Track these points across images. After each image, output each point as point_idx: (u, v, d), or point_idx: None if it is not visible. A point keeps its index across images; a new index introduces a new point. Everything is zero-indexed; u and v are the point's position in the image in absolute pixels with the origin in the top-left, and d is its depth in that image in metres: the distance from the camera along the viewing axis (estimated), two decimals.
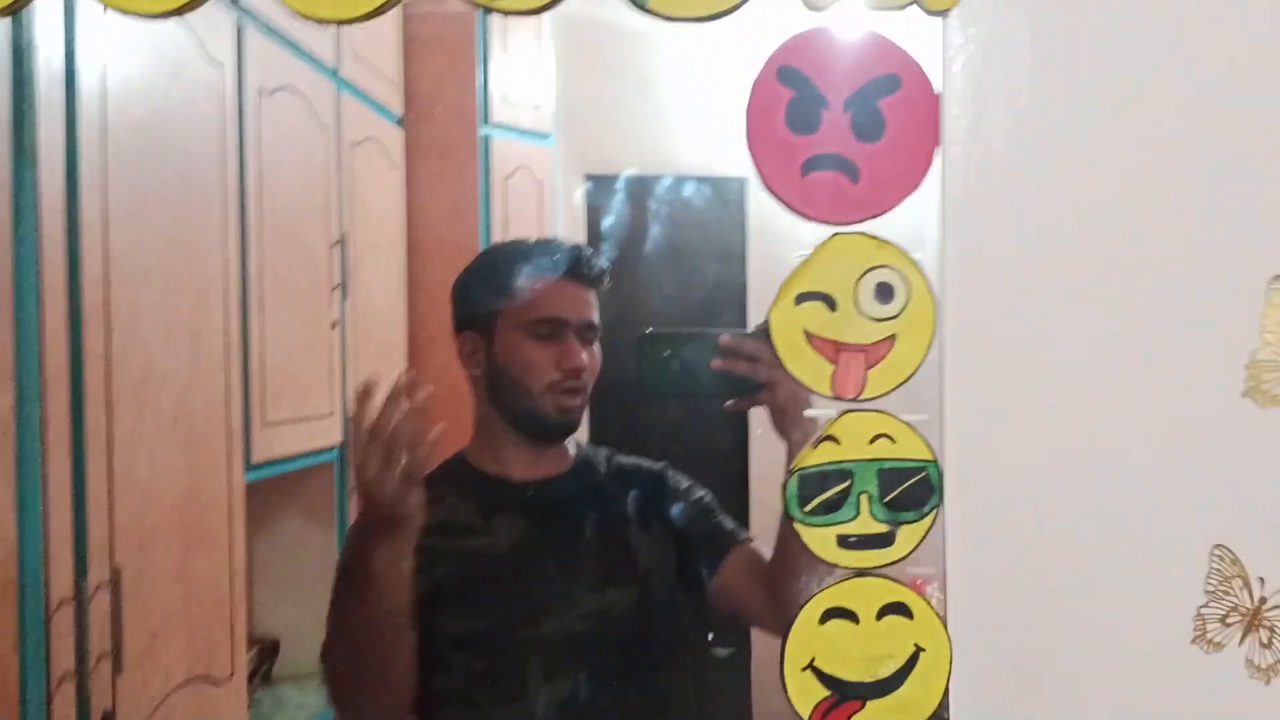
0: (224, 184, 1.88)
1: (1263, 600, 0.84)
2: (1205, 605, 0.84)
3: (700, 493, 1.48)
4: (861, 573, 0.81)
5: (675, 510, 1.44)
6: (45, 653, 1.35)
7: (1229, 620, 0.84)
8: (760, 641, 3.81)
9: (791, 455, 1.21)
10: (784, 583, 1.30)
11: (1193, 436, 0.84)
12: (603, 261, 1.42)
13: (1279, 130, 0.85)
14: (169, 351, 1.68)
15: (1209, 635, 0.84)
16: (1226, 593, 0.84)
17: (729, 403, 1.19)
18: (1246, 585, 0.84)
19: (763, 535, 1.42)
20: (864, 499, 0.81)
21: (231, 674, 1.89)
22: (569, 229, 3.45)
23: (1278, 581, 0.84)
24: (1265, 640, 0.84)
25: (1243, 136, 0.85)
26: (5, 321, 1.29)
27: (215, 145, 1.85)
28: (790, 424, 1.19)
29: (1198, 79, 0.84)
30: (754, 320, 3.45)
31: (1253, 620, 0.84)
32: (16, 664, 1.30)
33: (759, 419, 1.21)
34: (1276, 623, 0.84)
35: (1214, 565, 0.84)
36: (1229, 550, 0.84)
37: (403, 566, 1.18)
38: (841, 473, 0.81)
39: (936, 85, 0.82)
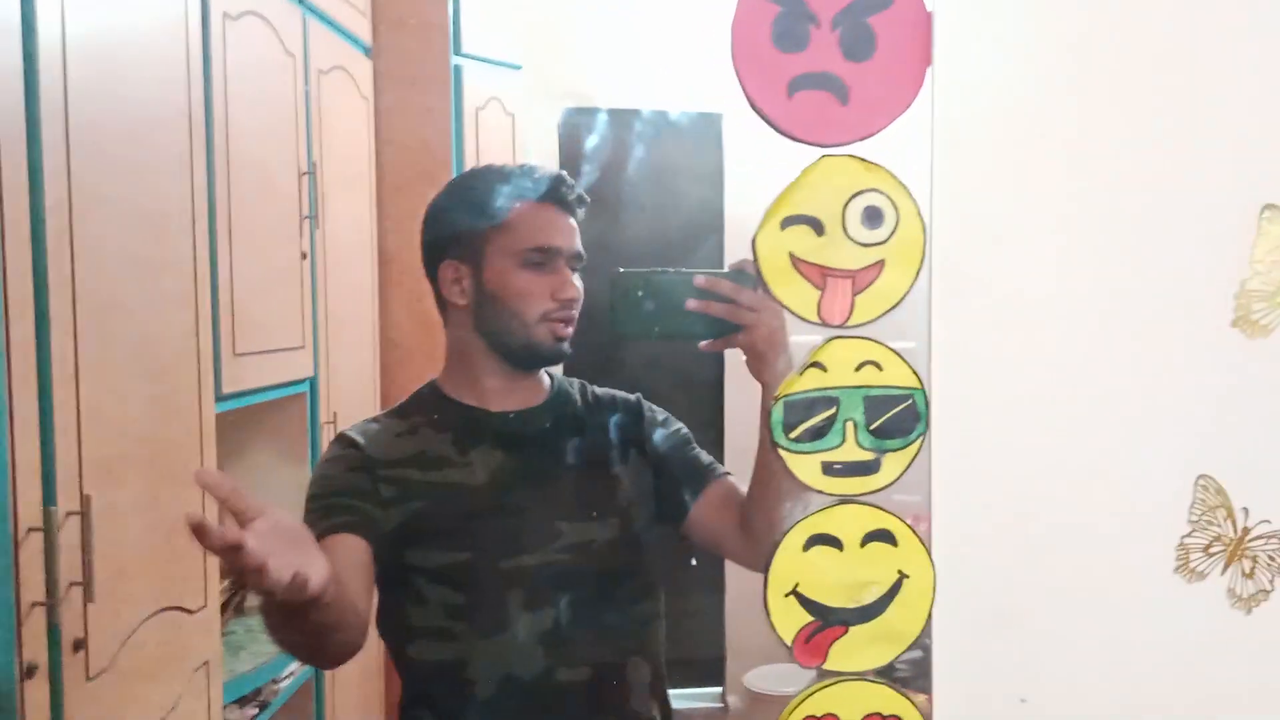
0: (188, 111, 1.83)
1: (1246, 530, 0.84)
2: (1189, 535, 0.84)
3: (676, 425, 1.48)
4: (846, 500, 0.80)
5: (657, 439, 1.43)
6: (14, 580, 1.33)
7: (1212, 550, 0.84)
8: (734, 575, 3.85)
9: (767, 398, 1.20)
10: (762, 515, 1.29)
11: (1180, 366, 0.83)
12: (582, 191, 1.40)
13: (1270, 62, 0.83)
14: (134, 281, 1.65)
15: (1191, 565, 0.84)
16: (1210, 523, 0.83)
17: (704, 343, 1.17)
18: (1230, 515, 0.84)
19: (738, 476, 1.41)
20: (849, 426, 0.80)
21: (204, 604, 1.88)
22: (543, 160, 3.42)
23: (1261, 512, 0.84)
24: (1247, 570, 0.84)
25: (1235, 67, 0.83)
26: None
27: (179, 71, 1.81)
28: (767, 366, 1.18)
29: (1197, 7, 0.82)
30: (730, 258, 3.43)
31: (1235, 550, 0.84)
32: None
33: (736, 359, 1.20)
34: (1259, 553, 0.84)
35: (1198, 495, 0.83)
36: (1214, 480, 0.83)
37: (322, 605, 1.08)
38: (827, 399, 0.80)
39: (929, 2, 0.80)
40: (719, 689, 3.99)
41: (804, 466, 0.80)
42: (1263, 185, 0.83)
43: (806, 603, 0.80)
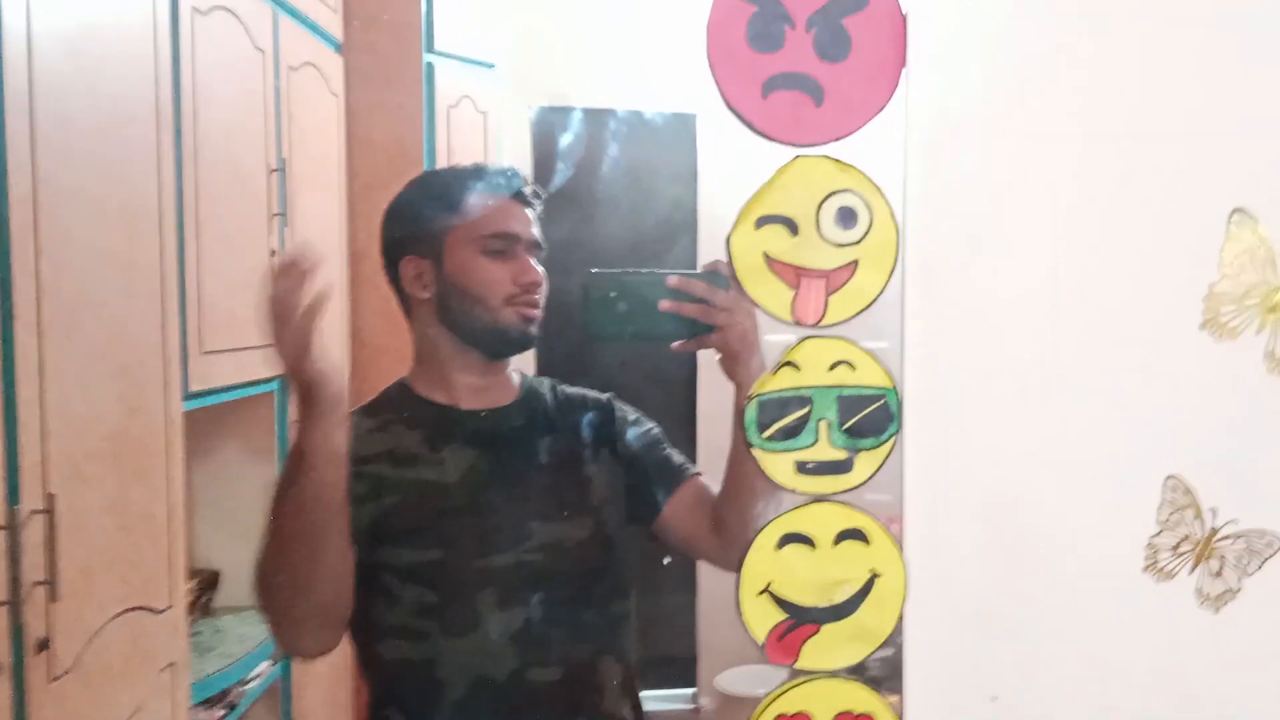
0: (156, 106, 1.82)
1: (1214, 530, 0.85)
2: (1157, 534, 0.84)
3: (648, 424, 1.48)
4: (819, 499, 0.80)
5: (628, 438, 1.44)
6: None
7: (1180, 549, 0.84)
8: (706, 575, 3.86)
9: (740, 397, 1.20)
10: (735, 515, 1.30)
11: (1150, 367, 0.84)
12: (538, 187, 1.43)
13: (1244, 66, 0.84)
14: (101, 277, 1.63)
15: (1160, 564, 0.84)
16: (1179, 523, 0.84)
17: (677, 344, 1.16)
18: (1198, 515, 0.84)
19: (711, 476, 1.42)
20: (823, 425, 0.80)
21: (171, 604, 1.86)
22: (515, 159, 3.41)
23: (1229, 512, 0.85)
24: (1215, 570, 0.85)
25: (1209, 71, 0.84)
26: None
27: (148, 65, 1.79)
28: (740, 365, 1.18)
29: (1170, 8, 0.83)
30: (703, 256, 3.44)
31: (1203, 550, 0.85)
32: None
33: (708, 360, 1.20)
34: (1227, 552, 0.85)
35: (1167, 495, 0.84)
36: (1182, 481, 0.84)
37: (332, 444, 1.18)
38: (801, 399, 0.80)
39: (904, 4, 0.80)
40: (691, 690, 3.99)
41: (777, 465, 0.80)
42: (1231, 189, 0.84)
43: (779, 601, 0.80)
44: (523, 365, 1.47)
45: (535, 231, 1.39)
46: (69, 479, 1.51)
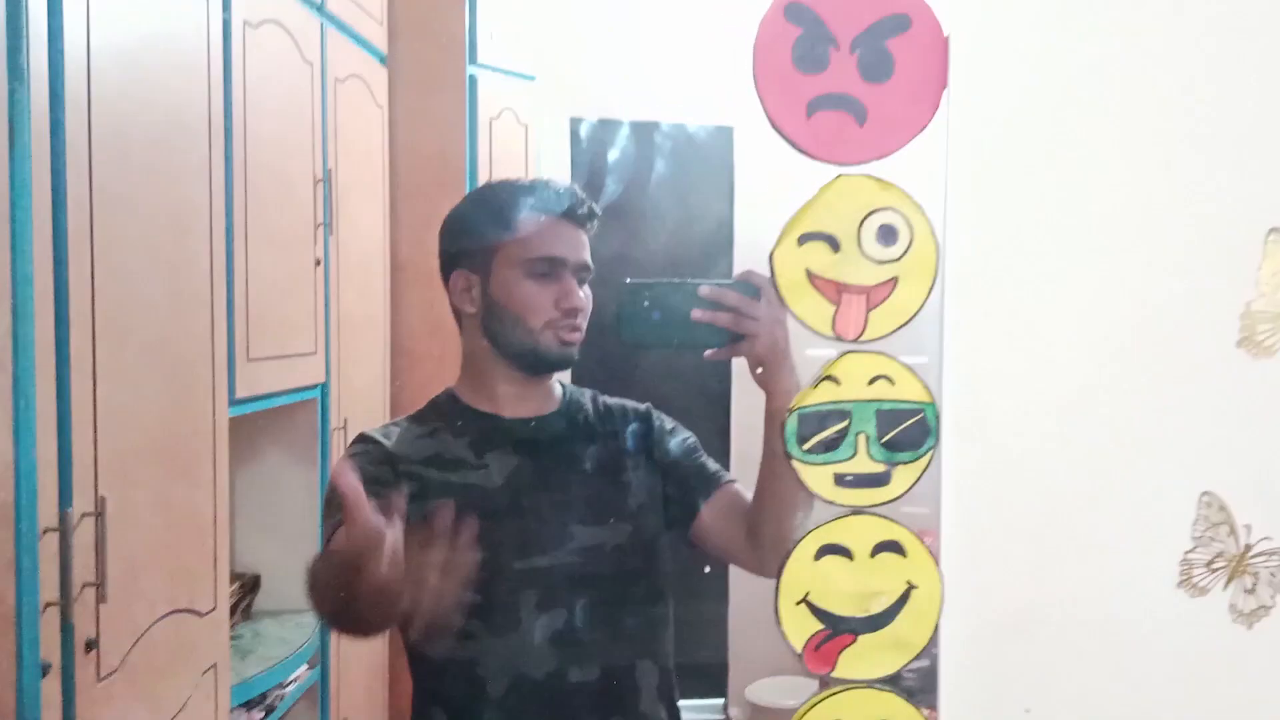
0: (208, 117, 1.86)
1: (1248, 547, 0.85)
2: (1192, 550, 0.85)
3: (685, 434, 1.50)
4: (857, 511, 0.82)
5: (666, 447, 1.46)
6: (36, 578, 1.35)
7: (1214, 566, 0.85)
8: (738, 585, 3.86)
9: (772, 405, 1.23)
10: (769, 523, 1.31)
11: (1186, 384, 0.85)
12: (594, 206, 1.43)
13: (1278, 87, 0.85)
14: (151, 282, 1.67)
15: (1194, 580, 0.85)
16: (1213, 539, 0.85)
17: (709, 352, 1.19)
18: (1233, 532, 0.85)
19: (745, 484, 1.43)
20: (861, 439, 0.82)
21: (214, 607, 1.89)
22: (555, 171, 3.43)
23: (1263, 529, 0.86)
24: (1249, 586, 0.86)
25: (1248, 89, 0.85)
26: (2, 241, 1.28)
27: (200, 77, 1.83)
28: (770, 375, 1.20)
29: (1208, 28, 0.84)
30: (739, 268, 3.43)
31: (1237, 566, 0.85)
32: (13, 586, 1.30)
33: (743, 371, 1.22)
34: (1260, 569, 0.86)
35: (1202, 511, 0.85)
36: (1217, 497, 0.85)
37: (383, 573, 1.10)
38: (840, 412, 0.81)
39: (946, 27, 0.82)
40: (721, 700, 3.99)
41: (816, 477, 0.82)
42: (1269, 208, 0.85)
43: (817, 611, 0.82)
44: (561, 374, 1.49)
45: (584, 255, 1.40)
46: (118, 481, 1.54)
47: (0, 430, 1.28)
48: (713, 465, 1.48)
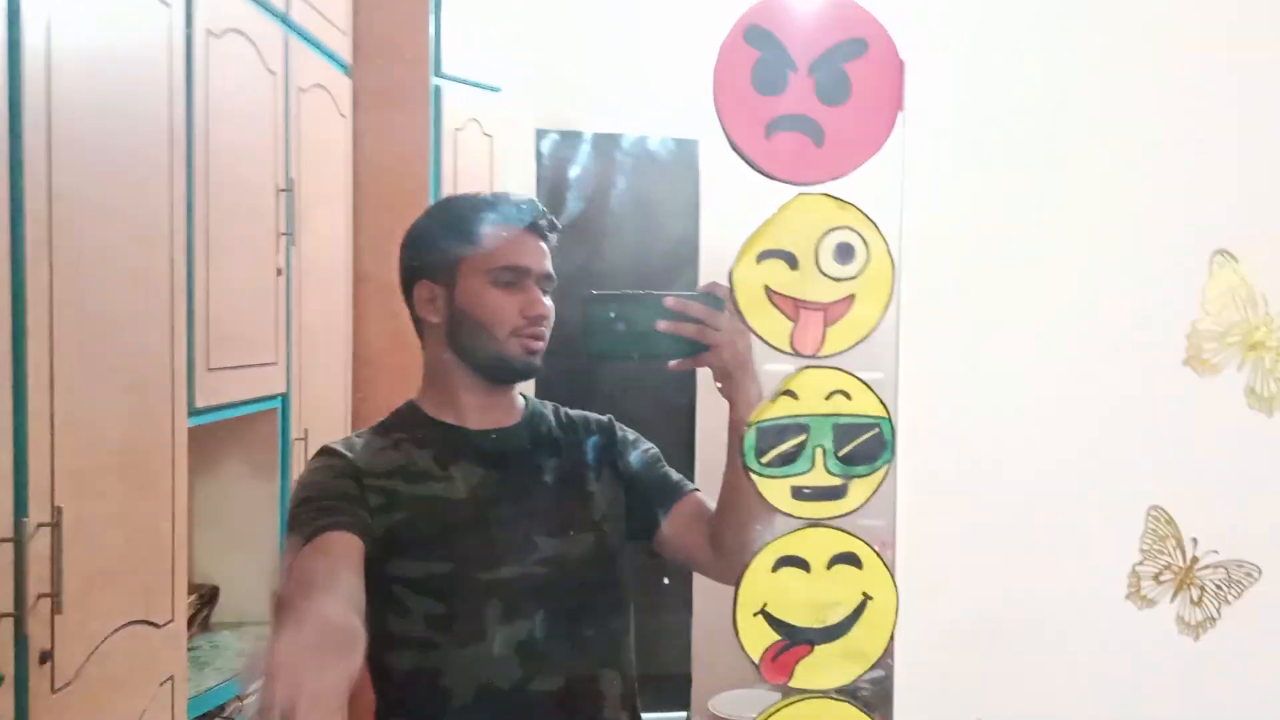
0: (169, 126, 1.85)
1: (1194, 560, 0.88)
2: (1140, 563, 0.87)
3: (647, 445, 1.52)
4: (814, 523, 0.83)
5: (628, 458, 1.47)
6: None
7: (1162, 578, 0.87)
8: (701, 597, 3.87)
9: (735, 415, 1.25)
10: (731, 533, 1.33)
11: (1135, 401, 0.87)
12: (555, 219, 1.45)
13: (1228, 108, 0.88)
14: (112, 292, 1.66)
15: (1142, 592, 0.87)
16: (1160, 552, 0.87)
17: (673, 363, 1.20)
18: (1180, 545, 0.87)
19: (708, 493, 1.45)
20: (819, 452, 0.83)
21: (172, 618, 1.88)
22: (520, 182, 3.43)
23: (1209, 542, 0.88)
24: (1195, 598, 0.88)
25: (1193, 113, 0.87)
26: None
27: (162, 85, 1.82)
28: (734, 385, 1.22)
29: (1160, 51, 0.86)
30: (704, 281, 3.44)
31: (1184, 579, 0.87)
32: None
33: (707, 383, 1.23)
34: (1207, 581, 0.88)
35: (1149, 525, 0.87)
36: (1164, 511, 0.87)
37: None
38: (798, 426, 0.83)
39: (902, 51, 0.84)
40: (684, 713, 4.00)
41: (774, 490, 0.83)
42: (1214, 231, 0.88)
43: (774, 622, 0.83)
44: (524, 386, 1.50)
45: (547, 265, 1.42)
46: (76, 492, 1.53)
47: None
48: (675, 475, 1.50)
